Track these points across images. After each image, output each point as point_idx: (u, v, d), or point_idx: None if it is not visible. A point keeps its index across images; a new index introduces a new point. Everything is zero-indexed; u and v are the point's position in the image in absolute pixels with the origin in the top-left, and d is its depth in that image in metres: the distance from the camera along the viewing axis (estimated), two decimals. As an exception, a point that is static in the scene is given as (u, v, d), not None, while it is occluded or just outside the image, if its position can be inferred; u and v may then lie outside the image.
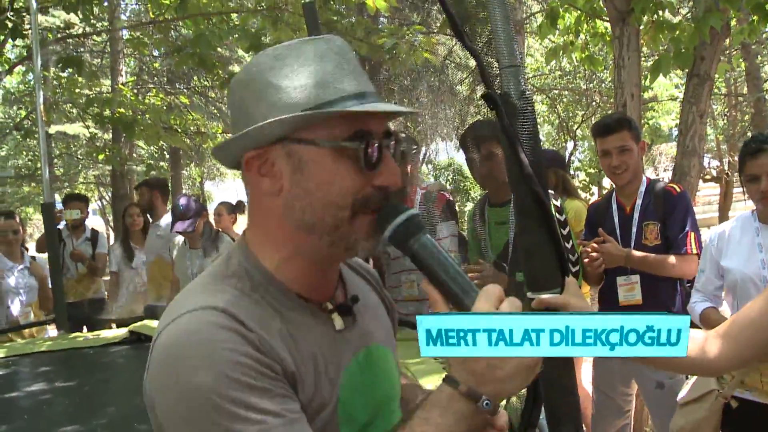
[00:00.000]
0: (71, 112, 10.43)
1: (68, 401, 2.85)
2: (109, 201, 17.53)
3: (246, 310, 0.91)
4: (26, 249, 5.43)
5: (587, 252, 3.00)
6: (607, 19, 4.65)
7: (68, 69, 7.09)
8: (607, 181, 10.57)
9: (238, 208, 7.22)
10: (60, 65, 6.97)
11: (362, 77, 0.97)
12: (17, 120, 12.40)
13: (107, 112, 7.70)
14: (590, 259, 2.99)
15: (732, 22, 4.54)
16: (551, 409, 1.52)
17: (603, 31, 5.34)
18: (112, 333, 4.08)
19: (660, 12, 4.40)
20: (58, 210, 5.80)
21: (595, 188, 13.16)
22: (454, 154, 17.63)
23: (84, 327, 5.62)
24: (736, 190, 12.56)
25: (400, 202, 0.98)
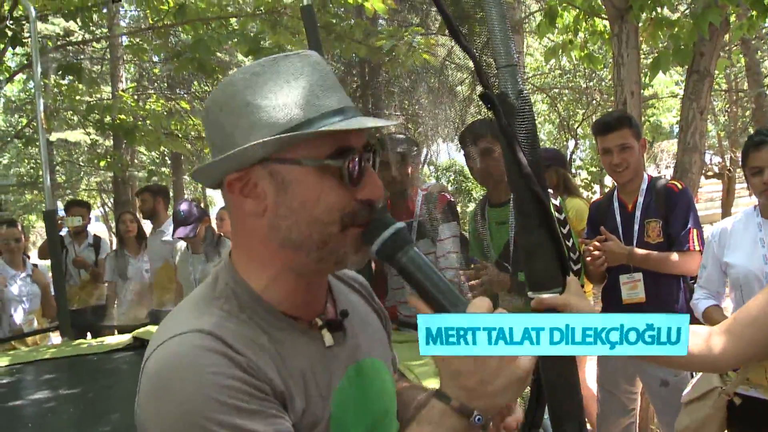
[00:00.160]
0: (72, 120, 10.44)
1: (72, 408, 2.86)
2: (111, 207, 17.57)
3: (233, 331, 0.91)
4: (28, 257, 5.43)
5: (589, 250, 3.00)
6: (605, 17, 4.63)
7: (68, 76, 7.10)
8: (609, 180, 10.57)
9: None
10: (60, 73, 6.98)
11: (340, 92, 0.97)
12: (18, 128, 12.43)
13: (108, 119, 7.71)
14: (592, 257, 2.98)
15: (731, 17, 4.52)
16: (554, 409, 1.51)
17: (602, 29, 5.33)
18: (115, 339, 4.08)
19: (658, 9, 4.38)
20: (59, 217, 5.80)
21: (597, 187, 13.15)
22: (456, 156, 17.63)
23: (88, 334, 5.63)
24: (738, 186, 12.56)
25: (395, 211, 0.99)
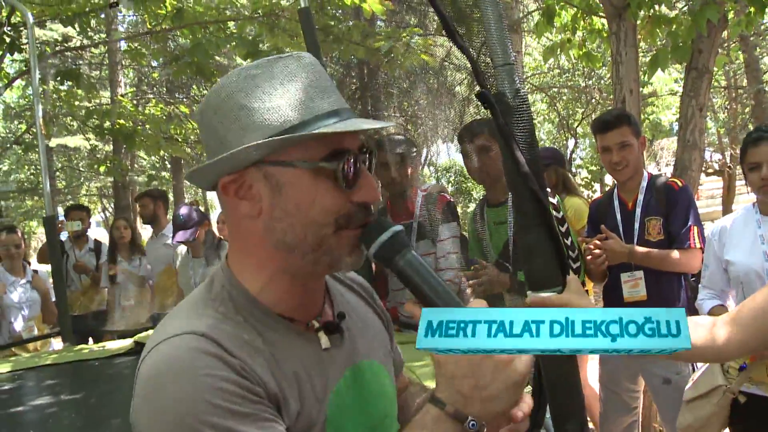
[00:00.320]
0: (71, 125, 10.46)
1: (74, 414, 2.85)
2: (112, 212, 17.58)
3: (227, 333, 0.90)
4: (29, 263, 5.43)
5: (590, 249, 2.99)
6: (603, 15, 4.63)
7: (67, 82, 7.10)
8: (609, 178, 10.56)
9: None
10: (58, 78, 6.99)
11: (335, 93, 0.97)
12: (18, 134, 12.44)
13: (107, 124, 7.71)
14: (593, 256, 2.97)
15: (729, 14, 4.52)
16: (556, 408, 1.51)
17: (600, 28, 5.33)
18: (117, 344, 4.07)
19: (656, 6, 4.38)
20: (59, 221, 5.80)
21: (597, 185, 13.15)
22: (456, 156, 17.67)
23: (90, 339, 5.63)
24: (738, 183, 12.53)
25: (395, 212, 0.98)
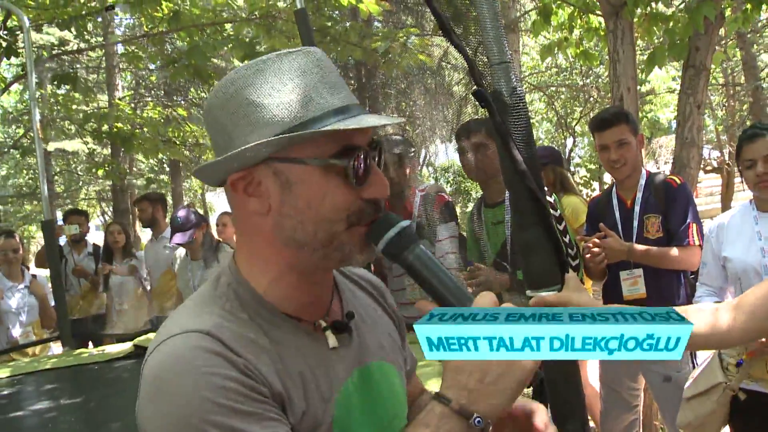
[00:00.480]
0: (69, 129, 10.45)
1: (74, 418, 2.84)
2: (111, 216, 17.57)
3: (232, 332, 0.89)
4: (27, 268, 5.42)
5: (589, 247, 2.99)
6: (600, 13, 4.63)
7: (64, 85, 7.09)
8: (608, 177, 10.55)
9: (237, 218, 7.22)
10: (55, 82, 6.98)
11: (344, 89, 0.95)
12: (16, 139, 12.43)
13: (105, 127, 7.71)
14: (592, 254, 2.97)
15: (726, 11, 4.52)
16: (557, 407, 1.50)
17: (597, 26, 5.32)
18: (116, 348, 4.07)
19: (653, 4, 4.38)
20: (58, 226, 5.80)
21: (596, 184, 13.14)
22: (454, 156, 17.67)
23: (89, 343, 5.62)
24: (737, 180, 12.52)
25: (393, 212, 0.96)
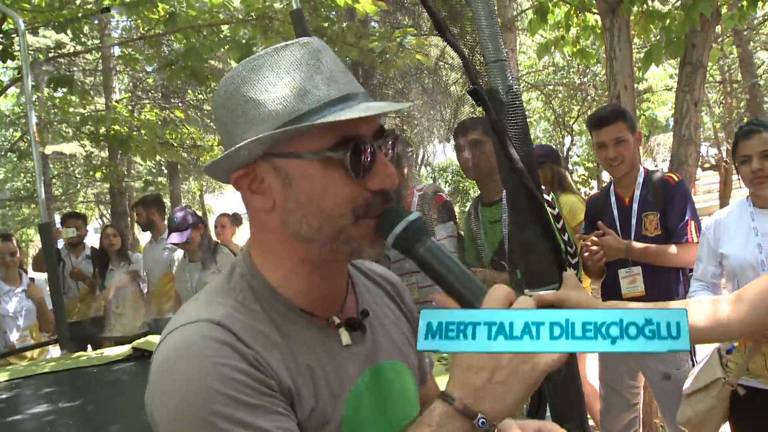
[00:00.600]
0: (66, 132, 10.44)
1: (72, 421, 2.84)
2: (109, 219, 17.54)
3: (243, 323, 0.89)
4: (25, 271, 5.41)
5: (587, 246, 2.98)
6: (596, 11, 4.63)
7: (61, 88, 7.08)
8: (607, 175, 10.56)
9: (235, 220, 7.23)
10: (52, 85, 6.97)
11: (345, 77, 0.93)
12: (13, 142, 12.42)
13: (102, 130, 7.70)
14: (590, 252, 2.96)
15: (722, 8, 4.52)
16: (556, 407, 1.50)
17: (593, 24, 5.32)
18: (115, 351, 4.06)
19: (649, 2, 4.38)
20: (56, 229, 5.78)
21: (594, 182, 13.14)
22: (452, 156, 17.66)
23: (88, 346, 5.61)
24: (735, 178, 12.53)
25: (401, 205, 0.95)
